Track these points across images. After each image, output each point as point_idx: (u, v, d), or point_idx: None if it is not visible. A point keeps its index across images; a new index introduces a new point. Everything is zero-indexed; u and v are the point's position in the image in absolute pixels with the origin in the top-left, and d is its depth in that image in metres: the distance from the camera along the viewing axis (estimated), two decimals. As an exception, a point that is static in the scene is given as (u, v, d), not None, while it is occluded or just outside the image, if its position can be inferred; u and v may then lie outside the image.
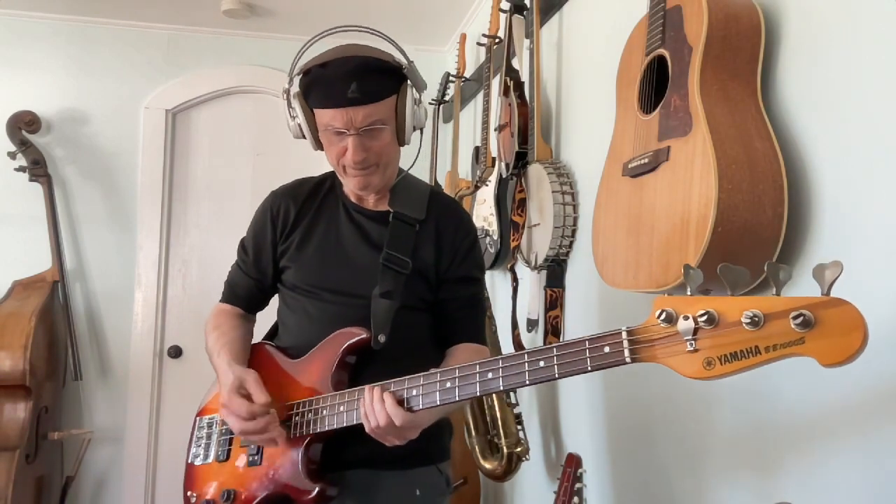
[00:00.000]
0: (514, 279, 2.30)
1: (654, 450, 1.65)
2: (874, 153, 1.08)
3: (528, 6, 2.26)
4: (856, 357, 0.76)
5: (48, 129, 3.31)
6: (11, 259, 3.20)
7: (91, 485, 3.33)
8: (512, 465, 2.14)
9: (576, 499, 1.73)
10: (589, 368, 0.98)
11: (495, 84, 2.62)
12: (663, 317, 0.90)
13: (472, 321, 1.49)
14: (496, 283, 2.69)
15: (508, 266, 2.33)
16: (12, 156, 3.18)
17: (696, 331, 0.87)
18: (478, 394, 1.13)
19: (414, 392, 1.20)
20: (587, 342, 0.98)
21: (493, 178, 2.57)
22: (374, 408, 1.20)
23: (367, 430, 1.23)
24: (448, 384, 1.16)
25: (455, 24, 3.36)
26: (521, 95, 2.23)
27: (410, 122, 1.40)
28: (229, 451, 1.45)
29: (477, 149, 2.91)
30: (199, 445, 1.51)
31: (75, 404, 3.26)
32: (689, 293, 0.89)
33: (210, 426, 1.52)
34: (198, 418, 1.56)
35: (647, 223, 1.34)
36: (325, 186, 1.53)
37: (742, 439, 1.36)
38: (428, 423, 1.28)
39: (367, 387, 1.24)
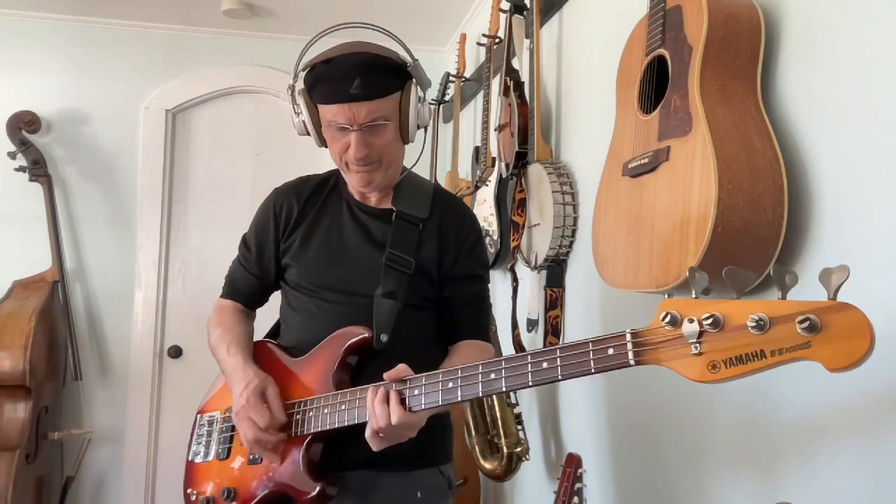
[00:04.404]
0: (514, 279, 2.30)
1: (654, 450, 1.65)
2: (874, 153, 1.08)
3: (528, 6, 2.26)
4: (862, 362, 0.76)
5: (48, 129, 3.31)
6: (11, 259, 3.20)
7: (91, 485, 3.32)
8: (512, 465, 2.14)
9: (576, 499, 1.72)
10: (593, 370, 0.97)
11: (495, 84, 2.62)
12: (668, 319, 0.89)
13: (477, 319, 1.48)
14: (496, 284, 2.69)
15: (508, 266, 2.33)
16: (12, 156, 3.17)
17: (700, 334, 0.87)
18: (480, 394, 1.13)
19: (416, 392, 1.19)
20: (591, 343, 0.97)
21: (493, 178, 2.58)
22: (375, 408, 1.19)
23: (368, 434, 1.22)
24: (450, 384, 1.15)
25: (455, 24, 3.36)
26: (521, 95, 2.23)
27: (414, 120, 1.39)
28: (230, 449, 1.45)
29: (477, 149, 2.91)
30: (200, 443, 1.51)
31: (75, 404, 3.25)
32: (693, 296, 0.89)
33: (211, 424, 1.52)
34: (198, 416, 1.56)
35: (647, 223, 1.33)
36: (328, 184, 1.53)
37: (743, 439, 1.36)
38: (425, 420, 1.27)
39: (371, 386, 1.23)
